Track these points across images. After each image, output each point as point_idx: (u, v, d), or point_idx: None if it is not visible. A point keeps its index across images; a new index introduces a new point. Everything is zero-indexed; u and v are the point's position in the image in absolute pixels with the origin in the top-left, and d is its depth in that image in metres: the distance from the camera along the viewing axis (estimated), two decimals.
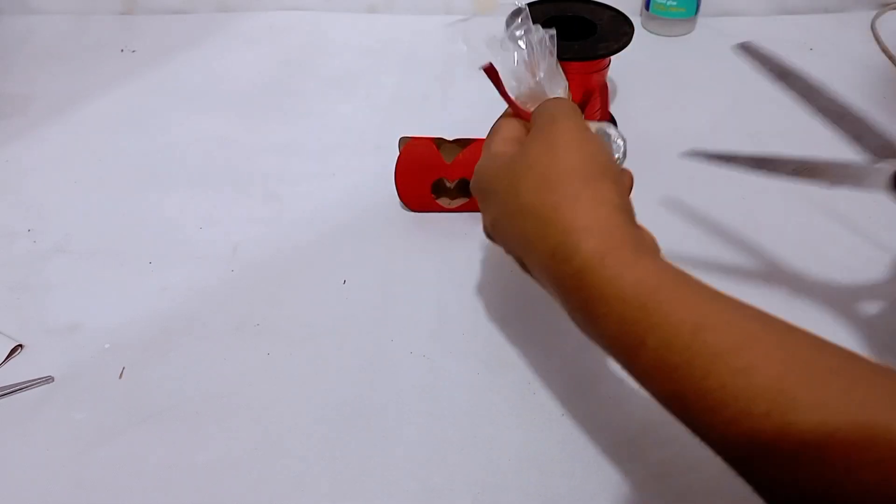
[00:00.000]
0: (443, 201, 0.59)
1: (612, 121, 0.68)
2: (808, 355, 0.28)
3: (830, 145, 0.45)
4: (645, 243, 0.34)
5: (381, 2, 0.88)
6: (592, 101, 0.65)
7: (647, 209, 0.59)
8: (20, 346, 0.50)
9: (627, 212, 0.35)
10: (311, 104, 0.74)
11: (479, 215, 0.41)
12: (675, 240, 0.57)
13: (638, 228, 0.35)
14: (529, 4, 0.65)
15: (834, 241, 0.56)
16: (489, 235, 0.40)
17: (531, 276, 0.37)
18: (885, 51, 0.78)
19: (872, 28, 0.82)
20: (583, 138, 0.36)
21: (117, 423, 0.46)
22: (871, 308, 0.50)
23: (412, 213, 0.60)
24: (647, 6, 0.82)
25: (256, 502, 0.42)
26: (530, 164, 0.35)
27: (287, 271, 0.56)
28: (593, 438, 0.44)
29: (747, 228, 0.57)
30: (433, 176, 0.57)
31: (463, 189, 0.59)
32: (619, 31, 0.62)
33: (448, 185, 0.59)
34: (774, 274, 0.53)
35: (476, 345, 0.50)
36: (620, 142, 0.43)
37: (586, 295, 0.32)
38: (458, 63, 0.79)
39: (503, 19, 0.63)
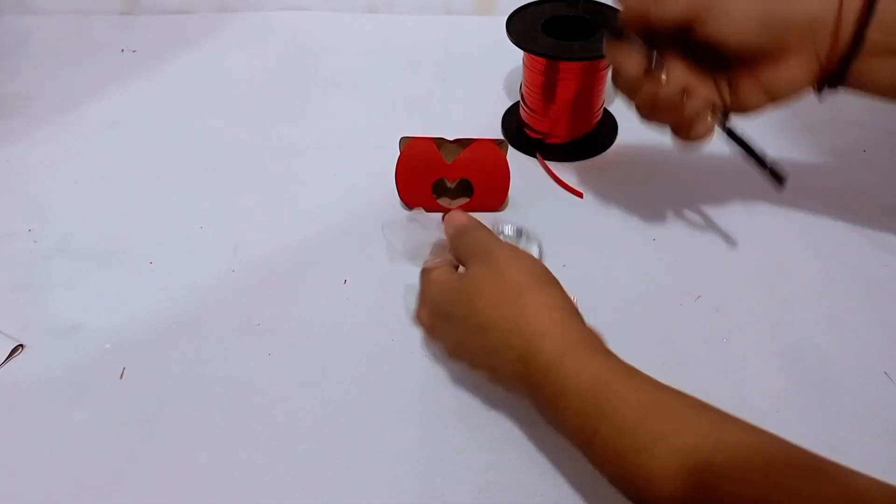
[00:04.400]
0: (443, 201, 0.59)
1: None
2: (734, 438, 0.32)
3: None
4: (595, 341, 0.37)
5: (381, 2, 0.88)
6: (591, 100, 0.65)
7: (646, 208, 0.59)
8: (20, 346, 0.50)
9: (575, 313, 0.39)
10: (311, 104, 0.74)
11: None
12: (670, 227, 0.57)
13: (587, 328, 0.38)
14: (531, 4, 0.65)
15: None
16: (452, 357, 0.43)
17: (500, 384, 0.40)
18: None
19: None
20: (518, 255, 0.40)
21: (117, 423, 0.46)
22: None
23: None
24: None
25: (256, 502, 0.42)
26: (480, 287, 0.39)
27: (287, 271, 0.56)
28: None
29: (743, 221, 0.57)
30: (434, 176, 0.57)
31: (463, 189, 0.59)
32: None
33: (449, 185, 0.59)
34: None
35: None
36: (535, 246, 0.52)
37: (550, 391, 0.36)
38: (458, 63, 0.79)
39: (503, 20, 0.63)
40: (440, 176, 0.58)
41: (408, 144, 0.57)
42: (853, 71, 0.41)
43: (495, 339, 0.38)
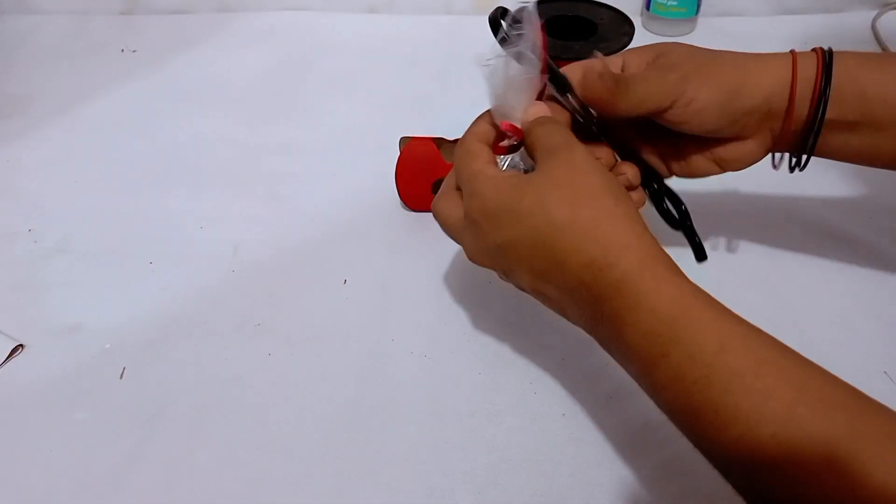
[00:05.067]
0: None
1: None
2: (819, 387, 0.30)
3: None
4: (675, 264, 0.35)
5: (381, 2, 0.88)
6: None
7: (646, 207, 0.59)
8: (20, 346, 0.50)
9: (651, 233, 0.36)
10: (311, 104, 0.74)
11: None
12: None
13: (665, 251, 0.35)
14: None
15: None
16: (486, 260, 0.39)
17: (545, 291, 0.37)
18: (885, 51, 0.78)
19: (872, 28, 0.82)
20: (597, 163, 0.36)
21: (117, 423, 0.46)
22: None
23: (412, 213, 0.60)
24: (647, 6, 0.82)
25: (256, 502, 0.42)
26: (557, 184, 0.35)
27: (287, 271, 0.56)
28: (594, 438, 0.44)
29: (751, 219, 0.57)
30: (434, 176, 0.57)
31: None
32: (619, 32, 0.62)
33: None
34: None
35: (476, 345, 0.50)
36: None
37: (620, 304, 0.33)
38: (458, 63, 0.79)
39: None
40: (440, 176, 0.57)
41: (408, 144, 0.57)
42: (815, 146, 0.40)
43: (564, 240, 0.34)
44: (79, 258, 0.58)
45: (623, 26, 0.62)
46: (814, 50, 0.40)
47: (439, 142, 0.57)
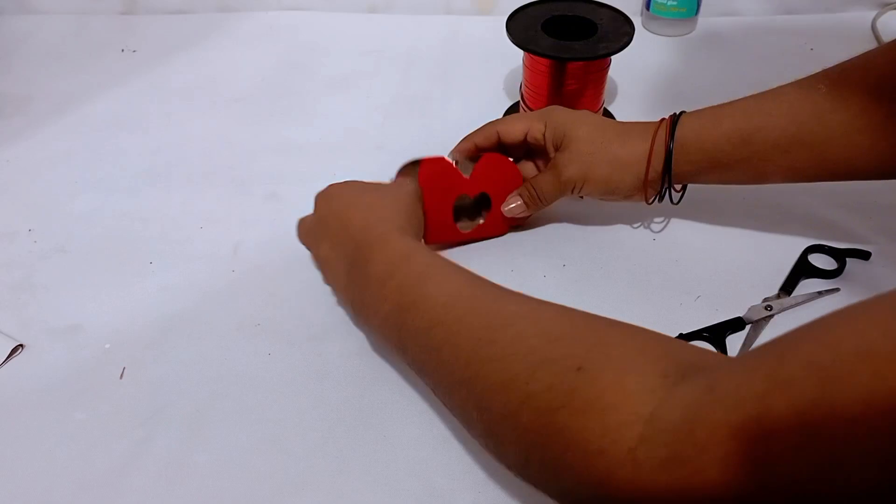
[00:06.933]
0: (462, 225, 0.56)
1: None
2: (488, 283, 0.41)
3: None
4: (415, 235, 0.49)
5: (381, 2, 0.88)
6: (591, 99, 0.65)
7: (646, 207, 0.59)
8: (20, 346, 0.50)
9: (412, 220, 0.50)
10: (311, 104, 0.74)
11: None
12: (670, 227, 0.57)
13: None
14: (530, 4, 0.65)
15: None
16: (308, 237, 0.52)
17: (325, 258, 0.49)
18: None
19: (873, 28, 0.82)
20: (409, 188, 0.52)
21: (117, 423, 0.46)
22: None
23: None
24: (647, 6, 0.82)
25: (256, 502, 0.42)
26: (377, 186, 0.52)
27: (288, 271, 0.56)
28: None
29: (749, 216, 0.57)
30: (454, 195, 0.54)
31: (477, 207, 0.56)
32: (619, 31, 0.62)
33: (466, 202, 0.56)
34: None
35: None
36: None
37: (371, 250, 0.44)
38: (458, 63, 0.79)
39: (503, 20, 0.63)
40: (461, 193, 0.54)
41: (423, 165, 0.52)
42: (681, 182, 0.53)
43: (357, 211, 0.47)
44: (79, 258, 0.58)
45: (623, 26, 0.62)
46: (662, 120, 0.51)
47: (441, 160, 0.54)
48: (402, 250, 0.43)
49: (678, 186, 0.53)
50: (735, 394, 0.26)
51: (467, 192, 0.55)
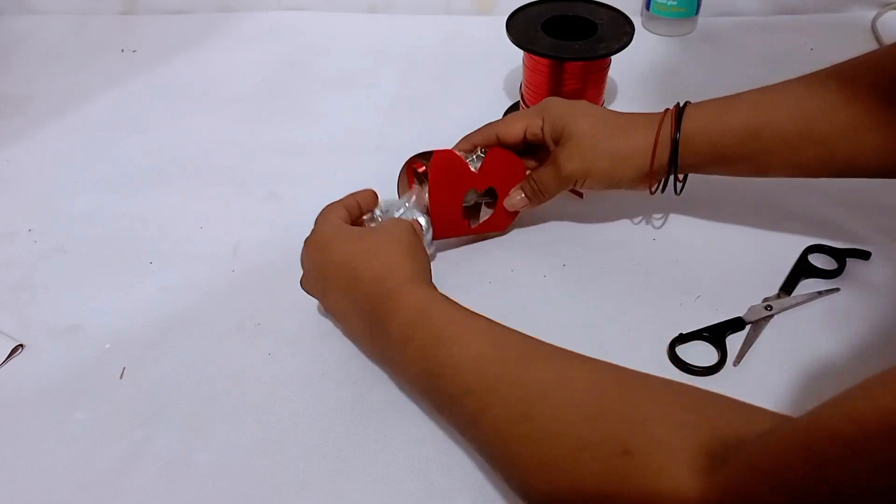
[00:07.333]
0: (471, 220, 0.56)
1: None
2: (510, 338, 0.40)
3: None
4: (428, 279, 0.46)
5: (381, 2, 0.88)
6: (591, 99, 0.65)
7: (647, 207, 0.59)
8: (20, 346, 0.50)
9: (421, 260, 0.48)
10: (311, 104, 0.74)
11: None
12: (670, 226, 0.57)
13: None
14: (530, 4, 0.65)
15: None
16: (311, 285, 0.50)
17: (337, 311, 0.49)
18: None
19: (873, 28, 0.82)
20: (407, 227, 0.49)
21: (117, 423, 0.46)
22: None
23: None
24: (647, 6, 0.82)
25: (256, 502, 0.42)
26: (376, 229, 0.49)
27: (288, 271, 0.55)
28: None
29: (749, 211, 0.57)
30: (464, 189, 0.54)
31: (487, 197, 0.56)
32: (619, 31, 0.62)
33: (475, 197, 0.56)
34: None
35: None
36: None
37: (388, 306, 0.43)
38: (458, 63, 0.79)
39: (503, 20, 0.63)
40: (470, 188, 0.54)
41: (435, 157, 0.52)
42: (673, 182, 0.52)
43: (362, 261, 0.45)
44: (79, 258, 0.58)
45: (623, 26, 0.62)
46: (666, 111, 0.51)
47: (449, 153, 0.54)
48: (418, 306, 0.42)
49: (681, 177, 0.53)
50: (775, 475, 0.26)
51: (476, 187, 0.55)
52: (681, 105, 0.50)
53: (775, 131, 0.48)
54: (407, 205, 0.53)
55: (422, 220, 0.52)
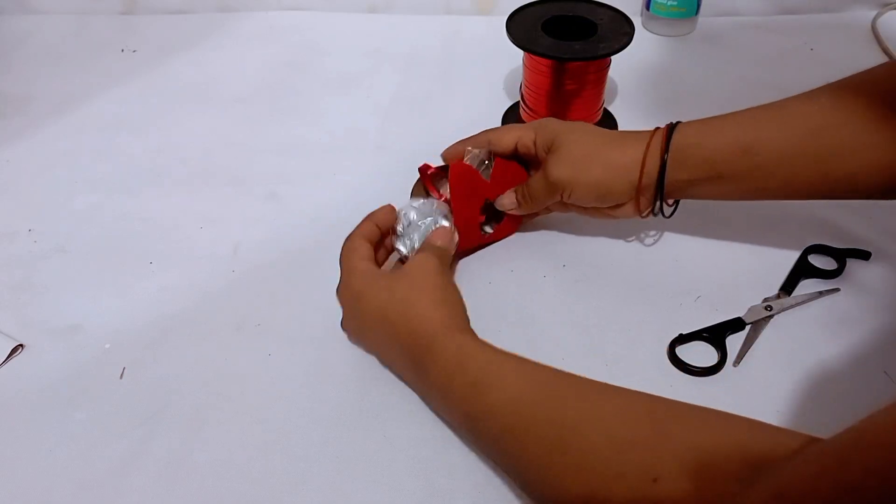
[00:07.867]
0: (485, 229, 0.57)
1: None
2: (542, 377, 0.41)
3: None
4: (465, 324, 0.47)
5: (381, 2, 0.88)
6: (591, 99, 0.65)
7: None
8: (20, 346, 0.50)
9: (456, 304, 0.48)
10: (311, 104, 0.74)
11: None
12: (670, 227, 0.57)
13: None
14: (530, 4, 0.65)
15: None
16: (355, 332, 0.50)
17: (386, 359, 0.49)
18: (885, 51, 0.78)
19: (872, 28, 0.82)
20: (435, 267, 0.48)
21: (117, 423, 0.46)
22: None
23: None
24: (647, 6, 0.82)
25: (256, 502, 0.42)
26: (400, 276, 0.48)
27: (288, 271, 0.56)
28: None
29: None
30: (480, 200, 0.54)
31: (493, 209, 0.56)
32: (619, 31, 0.62)
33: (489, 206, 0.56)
34: None
35: None
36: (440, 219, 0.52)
37: (428, 357, 0.44)
38: (458, 63, 0.79)
39: (503, 20, 0.63)
40: (485, 198, 0.54)
41: (453, 169, 0.52)
42: (664, 201, 0.50)
43: (395, 314, 0.45)
44: (79, 258, 0.58)
45: (623, 26, 0.62)
46: (657, 129, 0.50)
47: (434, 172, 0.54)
48: (453, 356, 0.43)
49: (671, 200, 0.51)
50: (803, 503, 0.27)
51: (489, 196, 0.55)
52: (673, 123, 0.50)
53: (770, 147, 0.47)
54: (434, 208, 0.52)
55: (445, 224, 0.52)
